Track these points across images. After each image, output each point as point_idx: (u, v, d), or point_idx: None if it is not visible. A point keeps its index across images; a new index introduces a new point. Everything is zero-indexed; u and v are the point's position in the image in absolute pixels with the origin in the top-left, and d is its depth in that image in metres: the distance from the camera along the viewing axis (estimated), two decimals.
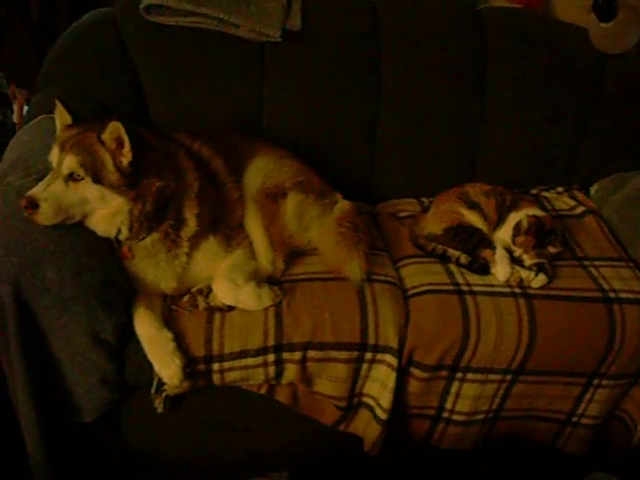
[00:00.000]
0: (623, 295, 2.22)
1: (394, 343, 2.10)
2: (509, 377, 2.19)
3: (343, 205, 2.43)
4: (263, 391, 2.16)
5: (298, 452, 2.33)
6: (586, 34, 2.80)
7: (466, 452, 2.32)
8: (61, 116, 2.03)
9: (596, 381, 2.23)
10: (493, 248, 2.30)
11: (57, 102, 2.02)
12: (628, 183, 2.60)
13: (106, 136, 1.90)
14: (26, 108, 3.43)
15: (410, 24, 2.78)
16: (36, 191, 1.87)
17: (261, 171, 2.32)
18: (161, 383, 2.02)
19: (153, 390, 2.04)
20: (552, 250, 2.31)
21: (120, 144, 1.91)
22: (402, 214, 2.69)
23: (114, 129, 1.89)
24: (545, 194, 2.81)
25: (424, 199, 2.78)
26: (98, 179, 1.90)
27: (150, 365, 1.99)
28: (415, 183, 2.84)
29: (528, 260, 2.28)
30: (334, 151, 2.76)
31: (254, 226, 2.25)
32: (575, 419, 2.31)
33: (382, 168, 2.83)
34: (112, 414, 2.12)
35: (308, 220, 2.33)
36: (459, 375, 2.18)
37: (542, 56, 2.81)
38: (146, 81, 2.61)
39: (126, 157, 1.91)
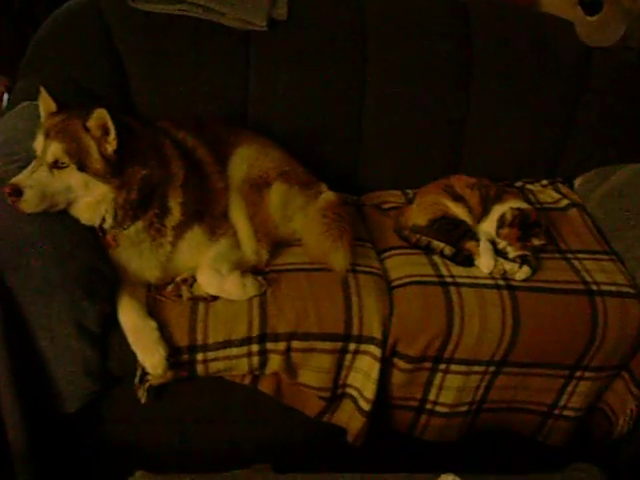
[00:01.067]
0: (605, 288, 2.26)
1: (378, 334, 2.13)
2: (492, 369, 2.23)
3: (327, 195, 2.46)
4: (247, 382, 2.19)
5: (281, 443, 2.36)
6: (572, 28, 2.85)
7: (449, 443, 2.36)
8: (45, 103, 2.03)
9: (578, 373, 2.28)
10: (477, 240, 2.34)
11: (41, 89, 2.02)
12: (612, 176, 2.64)
13: (91, 123, 1.92)
14: (6, 96, 3.41)
15: (396, 15, 2.81)
16: (20, 178, 1.89)
17: (245, 161, 2.35)
18: (144, 373, 2.04)
19: (136, 380, 2.06)
20: (536, 242, 2.36)
21: (105, 132, 1.92)
22: (387, 205, 2.72)
23: (99, 116, 1.90)
24: (529, 187, 2.86)
25: (409, 191, 2.81)
26: (83, 167, 1.92)
27: (134, 355, 2.01)
28: (400, 175, 2.87)
29: (512, 252, 2.32)
30: (319, 141, 2.79)
31: (238, 216, 2.27)
32: (557, 411, 2.35)
33: (367, 159, 2.86)
34: (95, 404, 2.13)
35: (292, 210, 2.36)
36: (442, 366, 2.22)
37: (528, 49, 2.85)
38: (130, 69, 2.63)
39: (111, 145, 1.93)
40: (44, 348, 1.97)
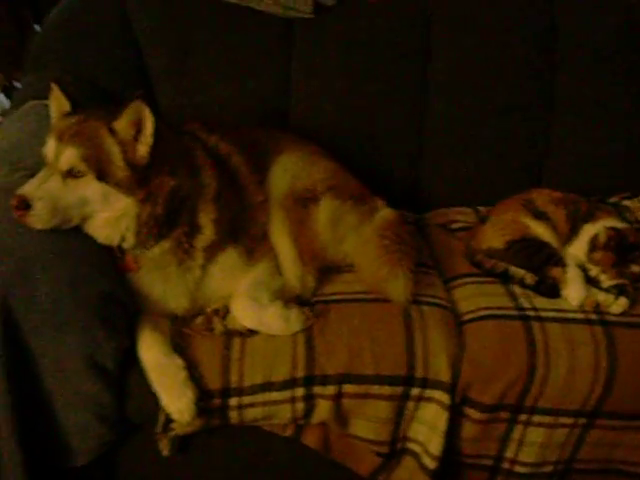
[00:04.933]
0: None
1: (446, 377, 2.13)
2: (583, 421, 2.22)
3: (385, 213, 2.47)
4: (289, 433, 2.20)
5: None
6: None
7: None
8: (58, 102, 2.06)
9: None
10: (564, 266, 2.34)
11: (53, 86, 2.05)
12: None
13: (121, 123, 1.94)
14: (1, 95, 3.44)
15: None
16: (29, 189, 1.91)
17: (289, 171, 2.38)
18: (169, 420, 2.06)
19: (159, 429, 2.08)
20: (635, 269, 2.35)
21: (138, 130, 1.94)
22: (455, 225, 2.74)
23: (136, 110, 1.92)
24: (626, 203, 2.83)
25: (481, 208, 2.83)
26: (103, 176, 1.94)
27: (156, 398, 2.02)
28: (471, 188, 2.89)
29: (606, 281, 2.32)
30: (374, 149, 2.81)
31: (280, 236, 2.29)
32: None
33: (431, 170, 2.88)
34: (109, 457, 2.16)
35: (344, 230, 2.37)
36: (523, 417, 2.21)
37: (624, 35, 2.84)
38: (152, 63, 2.70)
39: (144, 145, 1.95)
40: (51, 389, 1.98)
